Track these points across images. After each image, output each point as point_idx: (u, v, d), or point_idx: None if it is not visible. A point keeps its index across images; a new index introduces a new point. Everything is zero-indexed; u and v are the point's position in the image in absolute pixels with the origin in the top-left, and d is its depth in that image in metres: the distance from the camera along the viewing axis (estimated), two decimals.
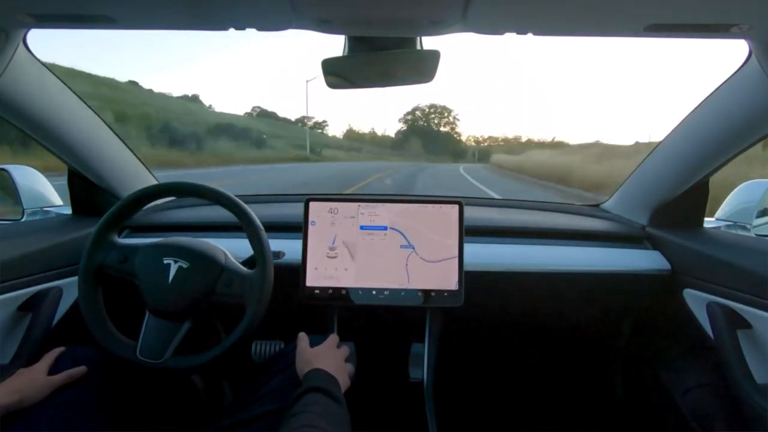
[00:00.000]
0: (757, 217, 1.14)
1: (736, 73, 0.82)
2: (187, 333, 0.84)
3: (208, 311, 0.85)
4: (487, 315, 1.21)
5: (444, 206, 1.01)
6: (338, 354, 0.81)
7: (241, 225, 0.86)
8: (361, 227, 1.01)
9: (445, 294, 0.99)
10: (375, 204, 1.01)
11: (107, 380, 0.80)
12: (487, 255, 1.07)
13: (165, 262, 0.83)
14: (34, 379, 0.74)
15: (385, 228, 1.01)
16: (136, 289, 0.83)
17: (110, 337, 0.82)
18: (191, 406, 1.05)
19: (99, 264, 0.84)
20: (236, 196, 0.88)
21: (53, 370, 0.77)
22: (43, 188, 1.27)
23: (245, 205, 0.86)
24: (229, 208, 0.86)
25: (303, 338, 0.83)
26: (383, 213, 1.01)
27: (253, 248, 0.85)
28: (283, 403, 0.68)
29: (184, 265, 0.82)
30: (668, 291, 1.05)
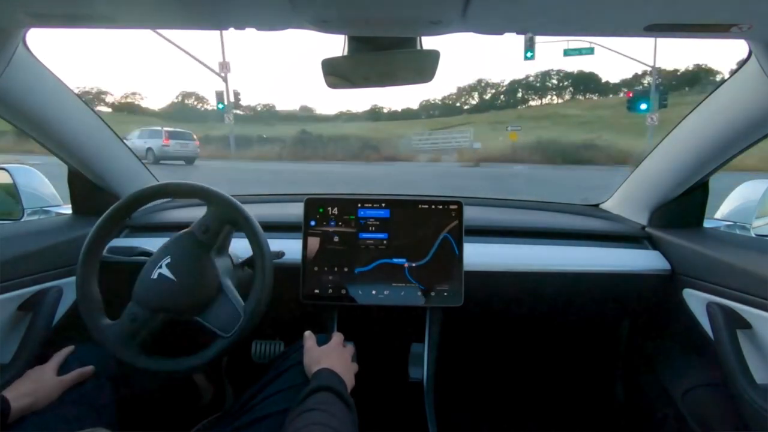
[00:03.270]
0: (757, 217, 1.14)
1: (736, 73, 0.82)
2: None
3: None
4: (486, 315, 1.21)
5: (444, 205, 1.01)
6: (345, 353, 0.82)
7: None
8: (360, 226, 1.01)
9: (445, 293, 0.99)
10: (374, 203, 1.02)
11: (111, 380, 0.81)
12: (487, 255, 1.07)
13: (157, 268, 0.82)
14: (46, 381, 0.74)
15: (385, 227, 1.01)
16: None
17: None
18: (194, 405, 1.05)
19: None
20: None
21: (59, 370, 0.77)
22: (43, 188, 1.27)
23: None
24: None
25: (310, 337, 0.83)
26: (383, 212, 1.01)
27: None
28: (291, 404, 0.68)
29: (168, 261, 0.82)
30: (668, 291, 1.05)
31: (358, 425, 0.67)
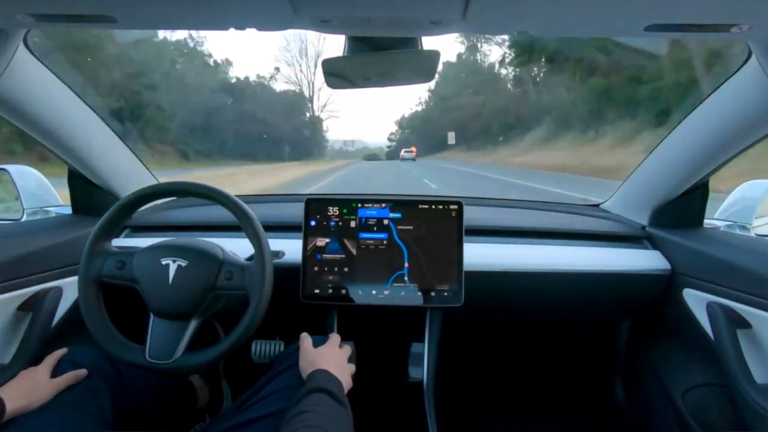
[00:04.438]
0: (757, 217, 1.13)
1: (736, 73, 0.82)
2: (196, 331, 0.83)
3: (212, 307, 0.84)
4: (486, 315, 1.21)
5: (444, 206, 1.01)
6: (341, 354, 0.82)
7: (240, 224, 0.86)
8: (361, 226, 1.01)
9: (445, 293, 0.99)
10: (374, 203, 1.02)
11: (106, 382, 0.80)
12: (487, 255, 1.07)
13: (163, 262, 0.82)
14: (39, 383, 0.74)
15: (385, 227, 1.01)
16: (135, 294, 0.83)
17: (116, 343, 0.81)
18: (190, 407, 1.05)
19: (97, 274, 0.83)
20: (235, 195, 0.88)
21: (53, 372, 0.77)
22: (43, 188, 1.27)
23: (244, 204, 0.86)
24: (228, 207, 0.86)
25: (306, 338, 0.83)
26: (383, 212, 1.01)
27: (252, 244, 0.85)
28: (287, 405, 0.68)
29: (183, 264, 0.82)
30: (668, 291, 1.05)
31: (358, 425, 0.67)
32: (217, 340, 0.83)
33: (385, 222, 1.01)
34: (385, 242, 1.00)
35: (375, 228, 1.01)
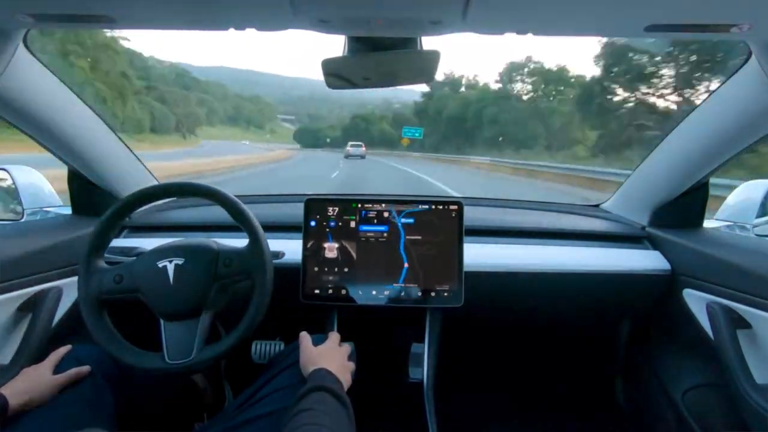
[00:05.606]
0: (757, 217, 1.14)
1: (736, 73, 0.82)
2: (210, 325, 0.83)
3: (219, 299, 0.84)
4: (486, 315, 1.21)
5: (444, 206, 1.01)
6: (341, 353, 0.82)
7: (236, 221, 0.86)
8: (361, 227, 1.01)
9: (445, 294, 0.99)
10: (374, 204, 1.02)
11: (109, 380, 0.81)
12: (487, 255, 1.07)
13: (160, 265, 0.82)
14: (41, 380, 0.74)
15: (385, 228, 1.01)
16: (137, 306, 0.82)
17: (133, 354, 0.81)
18: (193, 406, 1.05)
19: (97, 291, 0.82)
20: (237, 196, 0.88)
21: (56, 370, 0.77)
22: (43, 188, 1.26)
23: (242, 204, 0.86)
24: (226, 206, 0.86)
25: (305, 337, 0.83)
26: (383, 213, 1.01)
27: (247, 233, 0.85)
28: (287, 403, 0.68)
29: (180, 262, 0.82)
30: (668, 291, 1.05)
31: (358, 425, 0.67)
32: (218, 339, 0.83)
33: (385, 222, 1.01)
34: (385, 234, 1.00)
35: (374, 228, 1.01)
